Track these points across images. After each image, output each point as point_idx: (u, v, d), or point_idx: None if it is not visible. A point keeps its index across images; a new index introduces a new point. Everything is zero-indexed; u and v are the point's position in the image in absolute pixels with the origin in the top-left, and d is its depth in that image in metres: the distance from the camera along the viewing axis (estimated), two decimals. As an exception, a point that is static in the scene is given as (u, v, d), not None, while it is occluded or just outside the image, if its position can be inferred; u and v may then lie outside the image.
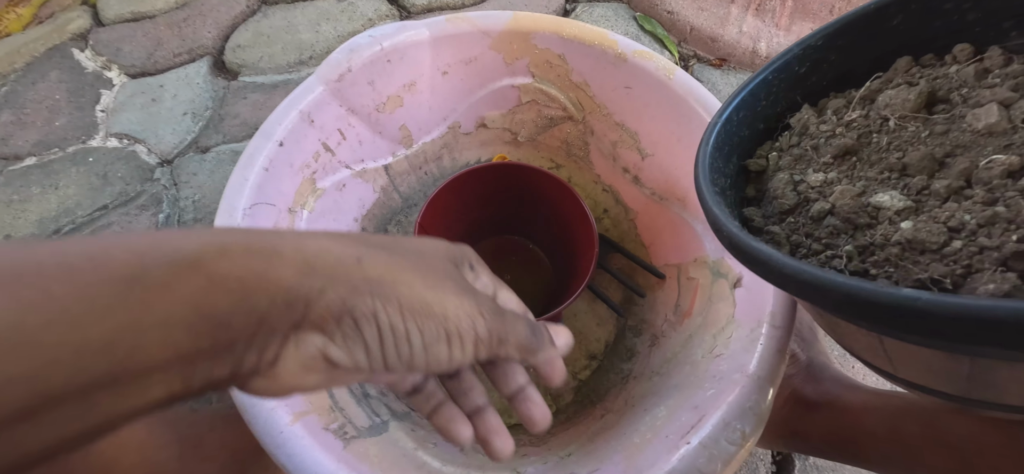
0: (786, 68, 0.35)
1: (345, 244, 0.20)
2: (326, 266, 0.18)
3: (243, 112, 0.73)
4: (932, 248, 0.23)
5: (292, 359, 0.18)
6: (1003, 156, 0.24)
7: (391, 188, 0.59)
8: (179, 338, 0.16)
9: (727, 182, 0.33)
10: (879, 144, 0.30)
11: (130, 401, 0.16)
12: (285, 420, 0.33)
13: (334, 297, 0.18)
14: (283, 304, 0.17)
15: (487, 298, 0.22)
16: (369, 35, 0.50)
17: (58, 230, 0.63)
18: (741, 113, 0.35)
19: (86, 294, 0.15)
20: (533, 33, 0.54)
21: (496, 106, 0.60)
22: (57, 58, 0.79)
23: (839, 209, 0.27)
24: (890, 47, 0.34)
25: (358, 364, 0.19)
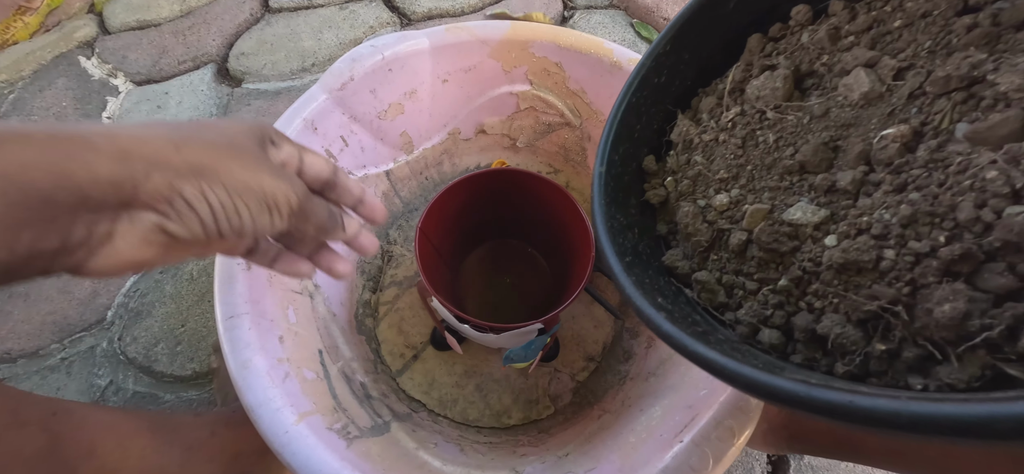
0: (645, 83, 0.34)
1: (157, 132, 0.22)
2: (145, 154, 0.20)
3: (247, 119, 0.74)
4: (867, 268, 0.21)
5: (128, 233, 0.21)
6: (892, 129, 0.23)
7: (392, 193, 0.60)
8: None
9: (635, 231, 0.31)
10: (767, 143, 0.28)
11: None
12: (290, 420, 0.34)
13: (160, 181, 0.21)
14: (107, 184, 0.19)
15: (295, 180, 0.26)
16: (371, 45, 0.51)
17: (65, 235, 0.64)
18: (620, 149, 0.33)
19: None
20: (531, 42, 0.55)
21: (495, 113, 0.61)
22: (64, 65, 0.80)
23: (757, 237, 0.25)
24: (738, 28, 0.32)
25: (195, 236, 0.22)
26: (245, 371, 0.35)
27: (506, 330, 0.43)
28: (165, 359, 0.57)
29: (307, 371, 0.40)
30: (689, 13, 0.32)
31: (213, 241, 0.23)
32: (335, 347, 0.47)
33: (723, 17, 0.32)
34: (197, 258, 0.24)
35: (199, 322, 0.59)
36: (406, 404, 0.50)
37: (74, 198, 0.19)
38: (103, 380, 0.56)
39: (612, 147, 0.32)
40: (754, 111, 0.29)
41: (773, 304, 0.24)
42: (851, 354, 0.21)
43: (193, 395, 0.55)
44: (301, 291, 0.46)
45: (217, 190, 0.22)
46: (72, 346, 0.58)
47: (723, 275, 0.27)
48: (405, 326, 0.56)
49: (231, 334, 0.36)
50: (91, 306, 0.60)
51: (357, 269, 0.57)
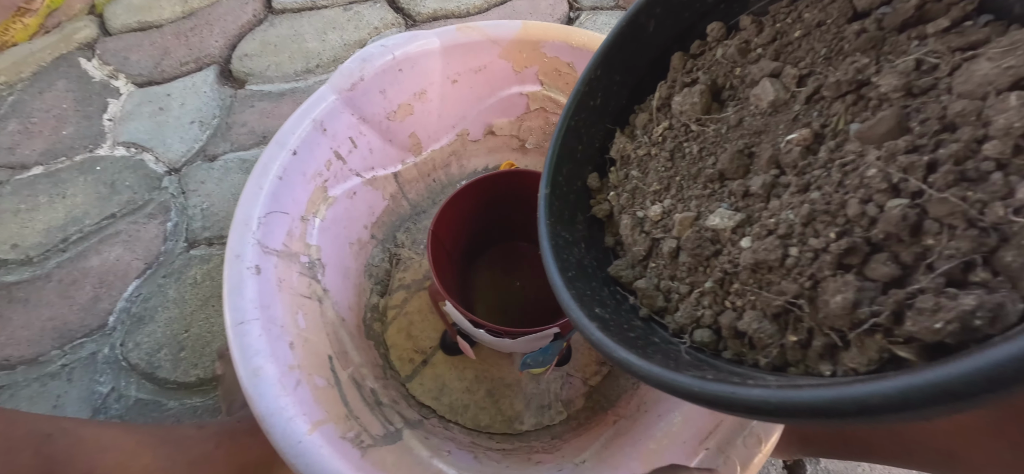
0: (582, 107, 0.35)
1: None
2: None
3: (250, 120, 0.73)
4: (775, 266, 0.23)
5: None
6: (795, 134, 0.24)
7: (400, 195, 0.59)
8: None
9: (582, 246, 0.32)
10: (692, 154, 0.30)
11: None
12: (303, 429, 0.33)
13: None
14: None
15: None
16: (381, 44, 0.50)
17: (66, 239, 0.63)
18: (564, 169, 0.34)
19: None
20: (543, 42, 0.55)
21: (504, 114, 0.60)
22: (64, 67, 0.79)
23: (684, 243, 0.27)
24: (663, 48, 0.34)
25: None
26: (256, 379, 0.34)
27: (523, 335, 0.42)
28: (168, 365, 0.55)
29: (318, 378, 0.39)
30: (613, 39, 0.34)
31: None
32: (344, 353, 0.46)
33: (646, 40, 0.34)
34: None
35: (203, 327, 0.57)
36: (416, 410, 0.49)
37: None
38: (104, 387, 0.55)
39: (555, 169, 0.34)
40: (680, 125, 0.31)
41: (703, 305, 0.26)
42: (768, 347, 0.22)
43: (197, 402, 0.54)
44: (310, 296, 0.45)
45: None
46: (73, 352, 0.57)
47: (660, 281, 0.29)
48: (414, 330, 0.55)
49: (241, 340, 0.35)
50: (92, 311, 0.59)
51: (365, 273, 0.56)
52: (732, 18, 0.32)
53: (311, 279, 0.46)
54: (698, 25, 0.33)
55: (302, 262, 0.45)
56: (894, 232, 0.19)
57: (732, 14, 0.32)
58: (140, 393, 0.54)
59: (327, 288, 0.48)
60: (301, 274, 0.45)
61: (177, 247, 0.63)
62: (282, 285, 0.41)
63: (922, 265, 0.19)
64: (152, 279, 0.61)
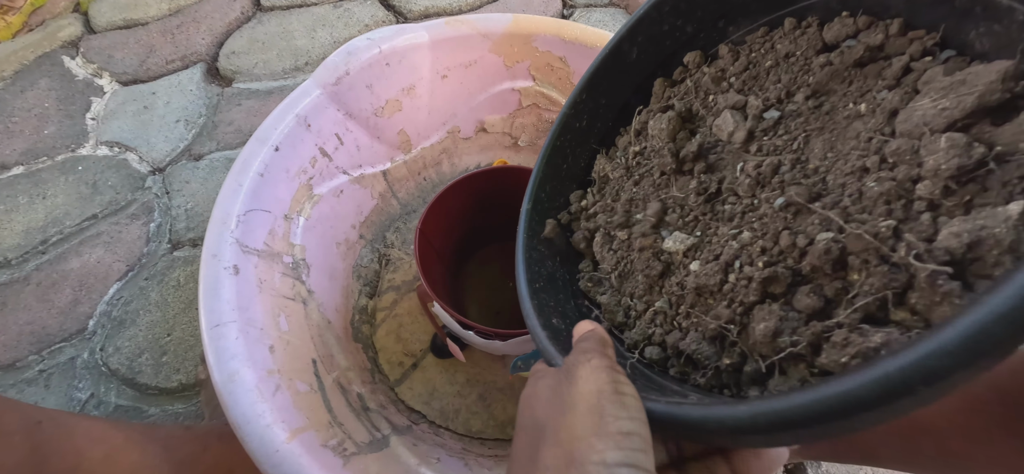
0: (567, 128, 0.36)
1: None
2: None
3: (237, 119, 0.71)
4: (715, 290, 0.23)
5: None
6: (749, 164, 0.26)
7: (389, 194, 0.57)
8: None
9: (557, 259, 0.34)
10: (657, 178, 0.31)
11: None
12: (281, 437, 0.31)
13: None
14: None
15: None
16: (367, 38, 0.49)
17: (46, 240, 0.61)
18: (547, 187, 0.35)
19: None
20: (534, 36, 0.53)
21: (496, 110, 0.59)
22: (47, 66, 0.77)
23: (641, 263, 0.28)
24: (646, 73, 0.35)
25: None
26: (231, 384, 0.32)
27: (513, 337, 0.40)
28: (150, 370, 0.54)
29: (300, 383, 0.37)
30: (597, 65, 0.35)
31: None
32: (330, 356, 0.44)
33: (629, 66, 0.35)
34: None
35: (186, 331, 0.56)
36: (406, 416, 0.48)
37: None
38: (83, 393, 0.53)
39: (539, 186, 0.35)
40: (651, 149, 0.32)
41: (656, 323, 0.27)
42: (705, 368, 0.23)
43: (179, 408, 0.52)
44: (293, 297, 0.43)
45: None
46: (51, 357, 0.55)
47: (622, 298, 0.30)
48: (404, 333, 0.53)
49: (216, 344, 0.34)
50: (72, 315, 0.57)
51: (353, 274, 0.54)
52: (712, 47, 0.33)
53: (295, 280, 0.44)
54: (680, 53, 0.34)
55: (285, 262, 0.44)
56: (819, 265, 0.20)
57: (712, 44, 0.33)
58: (120, 399, 0.53)
59: (312, 289, 0.46)
60: (284, 275, 0.43)
61: (160, 249, 0.61)
62: (263, 286, 0.39)
63: (845, 299, 0.19)
64: (134, 281, 0.59)
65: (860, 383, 0.13)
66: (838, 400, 0.14)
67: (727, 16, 0.32)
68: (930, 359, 0.12)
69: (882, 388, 0.13)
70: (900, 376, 0.13)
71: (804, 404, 0.14)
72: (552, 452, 0.17)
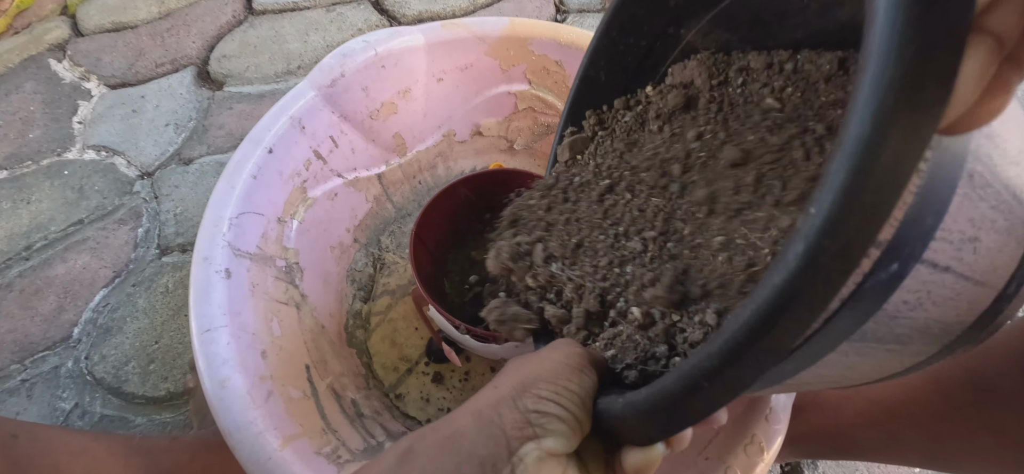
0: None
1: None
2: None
3: (228, 122, 0.71)
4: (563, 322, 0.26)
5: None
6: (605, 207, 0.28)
7: (384, 198, 0.57)
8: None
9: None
10: (566, 212, 0.32)
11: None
12: (274, 445, 0.30)
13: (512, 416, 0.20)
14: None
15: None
16: (363, 40, 0.49)
17: (29, 246, 0.60)
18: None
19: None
20: (530, 39, 0.53)
21: (492, 113, 0.59)
22: (33, 69, 0.76)
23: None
24: (618, 93, 0.35)
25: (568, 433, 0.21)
26: (222, 391, 0.31)
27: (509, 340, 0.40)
28: (136, 379, 0.52)
29: (293, 389, 0.36)
30: (574, 94, 0.35)
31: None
32: (323, 362, 0.43)
33: (600, 90, 0.35)
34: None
35: (174, 338, 0.54)
36: (401, 422, 0.47)
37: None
38: (67, 403, 0.51)
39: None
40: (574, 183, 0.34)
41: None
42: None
43: (167, 418, 0.50)
44: (287, 301, 0.42)
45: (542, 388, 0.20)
46: (34, 366, 0.53)
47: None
48: (399, 337, 0.53)
49: (207, 349, 0.33)
50: (56, 323, 0.55)
51: (347, 278, 0.53)
52: (670, 53, 0.33)
53: (288, 284, 0.44)
54: (645, 64, 0.34)
55: (278, 266, 0.43)
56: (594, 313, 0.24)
57: (669, 50, 0.33)
58: (106, 409, 0.51)
59: (306, 294, 0.45)
60: (277, 279, 0.42)
61: (148, 254, 0.60)
62: (255, 290, 0.38)
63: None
64: (121, 288, 0.57)
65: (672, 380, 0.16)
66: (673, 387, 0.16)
67: (675, 22, 0.32)
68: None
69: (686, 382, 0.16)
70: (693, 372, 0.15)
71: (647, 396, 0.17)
72: (506, 380, 0.20)
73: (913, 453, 0.35)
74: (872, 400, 0.38)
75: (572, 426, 0.19)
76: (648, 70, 0.34)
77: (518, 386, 0.19)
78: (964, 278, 0.17)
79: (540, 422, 0.18)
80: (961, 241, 0.16)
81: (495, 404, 0.19)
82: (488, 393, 0.20)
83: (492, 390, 0.20)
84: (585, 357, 0.21)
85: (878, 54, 0.11)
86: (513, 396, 0.19)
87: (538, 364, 0.21)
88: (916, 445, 0.35)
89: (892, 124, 0.11)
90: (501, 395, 0.19)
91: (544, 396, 0.19)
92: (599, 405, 0.20)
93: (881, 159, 0.11)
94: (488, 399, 0.19)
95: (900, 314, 0.16)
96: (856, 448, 0.40)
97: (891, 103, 0.11)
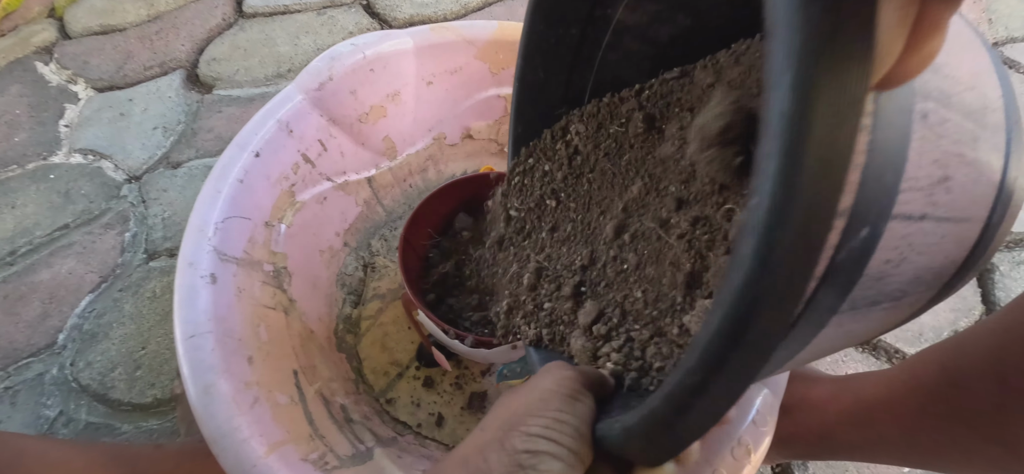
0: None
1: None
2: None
3: (218, 126, 0.70)
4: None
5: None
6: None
7: (374, 201, 0.57)
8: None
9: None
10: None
11: None
12: (259, 452, 0.30)
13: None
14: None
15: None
16: (351, 43, 0.48)
17: (13, 251, 0.59)
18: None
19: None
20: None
21: (482, 117, 0.59)
22: (19, 71, 0.75)
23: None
24: (560, 91, 0.34)
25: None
26: (207, 397, 0.31)
27: (499, 345, 0.40)
28: (123, 385, 0.52)
29: (280, 395, 0.36)
30: (516, 99, 0.34)
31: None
32: (312, 367, 0.43)
33: (542, 87, 0.34)
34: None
35: (162, 343, 0.54)
36: (391, 427, 0.46)
37: None
38: (52, 411, 0.51)
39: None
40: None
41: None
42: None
43: (153, 425, 0.50)
44: (274, 306, 0.42)
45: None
46: (17, 374, 0.52)
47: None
48: (389, 342, 0.52)
49: (192, 355, 0.32)
50: (40, 329, 0.55)
51: (337, 282, 0.53)
52: (602, 36, 0.31)
53: (276, 289, 0.43)
54: (581, 55, 0.32)
55: (266, 271, 0.43)
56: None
57: (600, 35, 0.31)
58: (91, 416, 0.50)
59: (294, 298, 0.45)
60: (264, 283, 0.42)
61: (135, 259, 0.59)
62: (242, 295, 0.38)
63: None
64: (107, 293, 0.57)
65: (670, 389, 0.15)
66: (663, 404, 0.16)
67: (600, 2, 0.30)
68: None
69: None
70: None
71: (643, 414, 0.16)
72: (492, 420, 0.19)
73: (895, 451, 0.36)
74: (856, 399, 0.38)
75: (569, 462, 0.17)
76: (585, 58, 0.32)
77: (505, 424, 0.18)
78: (944, 220, 0.16)
79: (532, 463, 0.16)
80: (930, 185, 0.15)
81: (481, 448, 0.17)
82: (475, 437, 0.19)
83: (479, 433, 0.19)
84: (577, 380, 0.20)
85: (784, 19, 0.10)
86: (500, 437, 0.17)
87: (526, 396, 0.19)
88: (897, 442, 0.35)
89: (816, 91, 0.10)
90: (487, 438, 0.18)
91: (533, 433, 0.17)
92: (598, 430, 0.18)
93: (813, 132, 0.10)
94: (475, 444, 0.18)
95: (886, 274, 0.16)
96: (841, 447, 0.40)
97: (810, 69, 0.10)
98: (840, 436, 0.38)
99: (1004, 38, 0.82)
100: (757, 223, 0.11)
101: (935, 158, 0.15)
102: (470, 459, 0.17)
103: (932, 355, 0.34)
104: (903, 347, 0.55)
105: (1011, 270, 0.60)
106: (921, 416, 0.32)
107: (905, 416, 0.33)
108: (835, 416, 0.38)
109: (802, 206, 0.10)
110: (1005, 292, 0.59)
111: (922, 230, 0.16)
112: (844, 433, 0.38)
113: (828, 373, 0.47)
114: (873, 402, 0.36)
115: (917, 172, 0.15)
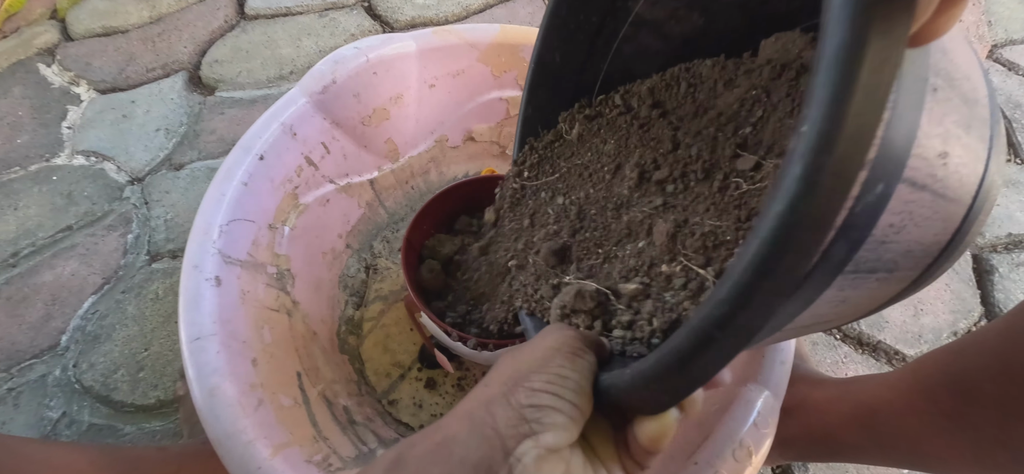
0: (524, 143, 0.37)
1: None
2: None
3: (220, 128, 0.70)
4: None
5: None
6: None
7: (377, 203, 0.57)
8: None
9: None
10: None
11: None
12: (264, 454, 0.30)
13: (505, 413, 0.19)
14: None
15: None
16: (354, 46, 0.49)
17: (16, 253, 0.59)
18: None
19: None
20: (522, 46, 0.54)
21: (484, 119, 0.59)
22: (21, 73, 0.75)
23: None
24: (574, 76, 0.34)
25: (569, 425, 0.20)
26: (212, 399, 0.31)
27: (501, 346, 0.40)
28: (126, 387, 0.52)
29: (284, 397, 0.36)
30: (531, 79, 0.35)
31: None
32: (315, 369, 0.43)
33: (557, 71, 0.34)
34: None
35: (165, 345, 0.54)
36: (393, 428, 0.47)
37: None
38: (55, 412, 0.51)
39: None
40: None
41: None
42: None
43: (156, 426, 0.50)
44: (278, 308, 0.42)
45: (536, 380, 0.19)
46: (20, 375, 0.52)
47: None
48: (391, 343, 0.52)
49: (197, 358, 0.32)
50: (43, 331, 0.55)
51: (339, 284, 0.53)
52: (620, 27, 0.32)
53: (279, 291, 0.43)
54: (598, 41, 0.33)
55: (269, 273, 0.43)
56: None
57: (619, 25, 0.32)
58: (94, 418, 0.51)
59: (297, 300, 0.45)
60: (268, 286, 0.42)
61: (138, 260, 0.59)
62: (246, 297, 0.38)
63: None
64: (110, 295, 0.57)
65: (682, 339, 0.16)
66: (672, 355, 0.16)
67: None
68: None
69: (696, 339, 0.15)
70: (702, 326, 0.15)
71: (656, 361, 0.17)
72: (497, 376, 0.19)
73: (897, 453, 0.36)
74: (858, 401, 0.38)
75: (571, 415, 0.18)
76: (601, 48, 0.33)
77: (509, 381, 0.18)
78: (939, 196, 0.17)
79: (536, 417, 0.17)
80: (934, 156, 0.16)
81: (486, 403, 0.18)
82: (479, 392, 0.19)
83: (483, 388, 0.19)
84: (579, 339, 0.20)
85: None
86: (505, 392, 0.18)
87: (530, 354, 0.20)
88: (899, 445, 0.35)
89: (870, 29, 0.11)
90: (492, 393, 0.18)
91: (537, 388, 0.18)
92: (604, 381, 0.19)
93: (864, 65, 0.11)
94: (479, 399, 0.19)
95: (887, 238, 0.16)
96: (843, 449, 0.40)
97: (867, 11, 0.11)
98: (842, 438, 0.39)
99: (1003, 40, 0.83)
100: (806, 148, 0.12)
101: (939, 132, 0.16)
102: (474, 413, 0.18)
103: (935, 358, 0.34)
104: (903, 349, 0.56)
105: (1010, 272, 0.61)
106: (924, 419, 0.32)
107: (908, 419, 0.33)
108: (837, 418, 0.39)
109: (846, 136, 0.11)
110: (1004, 294, 0.59)
111: (922, 200, 0.17)
112: (846, 435, 0.38)
113: (829, 375, 0.47)
114: (875, 404, 0.36)
115: (925, 141, 0.16)
